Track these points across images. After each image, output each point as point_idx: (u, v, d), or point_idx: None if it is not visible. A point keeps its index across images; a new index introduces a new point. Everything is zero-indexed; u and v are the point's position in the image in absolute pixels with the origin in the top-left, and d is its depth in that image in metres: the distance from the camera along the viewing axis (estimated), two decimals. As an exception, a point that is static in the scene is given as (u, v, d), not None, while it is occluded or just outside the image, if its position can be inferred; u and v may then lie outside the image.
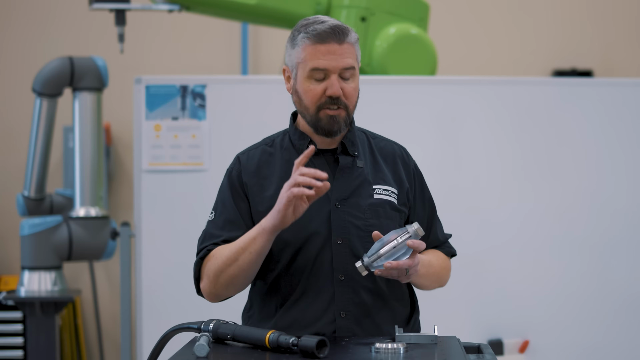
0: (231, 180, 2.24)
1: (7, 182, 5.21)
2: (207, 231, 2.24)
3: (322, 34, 2.12)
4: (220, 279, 2.14)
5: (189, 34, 5.36)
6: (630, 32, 5.65)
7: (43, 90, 3.96)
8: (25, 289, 3.93)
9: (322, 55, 2.12)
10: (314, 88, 2.14)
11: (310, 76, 2.14)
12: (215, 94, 3.64)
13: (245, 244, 2.09)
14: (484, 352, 2.02)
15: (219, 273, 2.14)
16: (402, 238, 2.04)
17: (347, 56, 2.14)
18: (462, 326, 3.66)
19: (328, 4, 3.92)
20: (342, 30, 2.13)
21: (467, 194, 3.72)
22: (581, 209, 3.78)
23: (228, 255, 2.12)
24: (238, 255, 2.10)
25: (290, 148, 2.24)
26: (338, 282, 2.15)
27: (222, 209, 2.22)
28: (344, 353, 1.94)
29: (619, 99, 3.82)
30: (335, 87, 2.13)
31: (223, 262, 2.12)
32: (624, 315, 3.78)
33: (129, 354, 3.74)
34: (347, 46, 2.14)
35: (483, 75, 5.18)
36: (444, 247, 2.36)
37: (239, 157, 2.28)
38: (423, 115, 3.73)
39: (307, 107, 2.17)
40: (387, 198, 2.22)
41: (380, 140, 2.33)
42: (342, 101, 2.15)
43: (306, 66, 2.14)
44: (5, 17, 5.31)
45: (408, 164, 2.31)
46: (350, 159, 2.22)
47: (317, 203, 2.13)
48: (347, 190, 2.19)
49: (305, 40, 2.13)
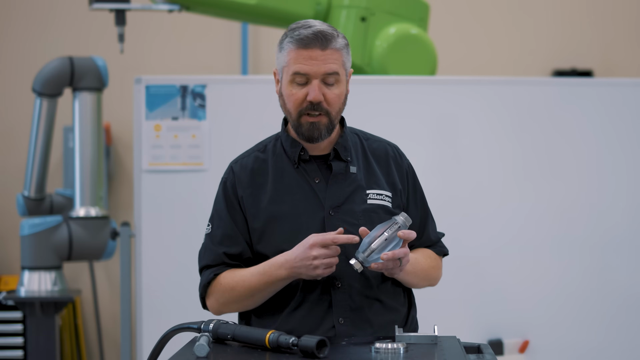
0: (226, 192, 2.25)
1: (7, 182, 5.21)
2: (206, 246, 2.26)
3: (305, 39, 2.12)
4: (232, 307, 2.21)
5: (189, 34, 5.36)
6: (630, 32, 5.65)
7: (43, 90, 3.95)
8: (25, 289, 3.93)
9: (303, 60, 2.12)
10: (295, 93, 2.15)
11: (292, 80, 2.14)
12: (215, 94, 3.64)
13: (265, 285, 2.14)
14: (484, 352, 2.02)
15: (230, 302, 2.20)
16: (392, 229, 2.04)
17: (331, 62, 2.13)
18: (462, 326, 3.66)
19: (328, 4, 3.92)
20: (326, 36, 2.12)
21: (467, 194, 3.72)
22: (581, 209, 3.78)
23: (243, 291, 2.16)
24: (255, 292, 2.15)
25: (282, 154, 2.24)
26: (335, 289, 2.15)
27: (219, 222, 2.24)
28: (344, 353, 1.94)
29: (619, 99, 3.82)
30: (315, 92, 2.12)
31: (241, 295, 2.17)
32: (624, 316, 3.78)
33: (129, 354, 3.74)
34: (330, 52, 2.13)
35: (483, 75, 5.18)
36: (436, 246, 2.35)
37: (232, 167, 2.28)
38: (423, 115, 3.73)
39: (290, 112, 2.18)
40: (381, 203, 2.22)
41: (372, 141, 2.32)
42: (324, 107, 2.15)
43: (289, 70, 2.14)
44: (5, 17, 5.31)
45: (401, 164, 2.31)
46: (343, 165, 2.22)
47: (311, 211, 2.16)
48: (340, 197, 2.19)
49: (289, 45, 2.14)
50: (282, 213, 2.17)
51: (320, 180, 2.20)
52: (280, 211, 2.17)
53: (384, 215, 2.19)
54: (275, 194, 2.19)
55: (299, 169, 2.21)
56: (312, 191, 2.19)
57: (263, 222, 2.18)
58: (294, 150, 2.22)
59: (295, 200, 2.18)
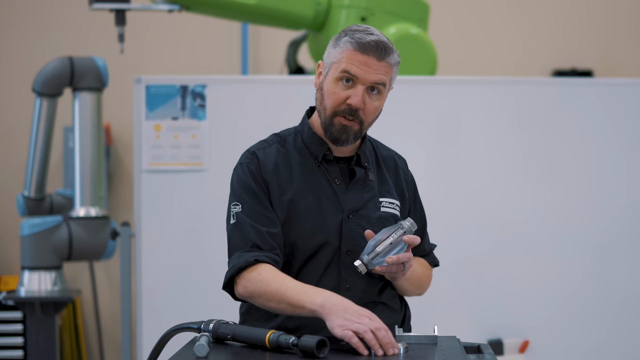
0: (252, 173, 2.19)
1: (7, 182, 5.21)
2: (241, 224, 2.15)
3: (366, 44, 2.12)
4: (257, 300, 2.11)
5: (189, 34, 5.36)
6: (630, 32, 5.65)
7: (43, 90, 3.95)
8: (25, 289, 3.93)
9: (358, 63, 2.12)
10: (338, 92, 2.15)
11: (339, 78, 2.14)
12: (215, 94, 3.64)
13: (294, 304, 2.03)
14: (484, 352, 2.02)
15: (258, 296, 2.09)
16: (398, 234, 2.06)
17: (382, 73, 2.14)
18: (462, 326, 3.66)
19: (328, 4, 3.92)
20: (386, 48, 2.13)
21: (467, 194, 3.71)
22: (581, 209, 3.78)
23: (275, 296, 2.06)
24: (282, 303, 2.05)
25: (303, 150, 2.24)
26: (345, 292, 2.16)
27: (253, 200, 2.16)
28: (344, 353, 1.93)
29: (619, 99, 3.82)
30: (358, 97, 2.13)
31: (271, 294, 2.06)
32: (624, 316, 3.78)
33: (129, 354, 3.73)
34: (385, 64, 2.14)
35: (483, 75, 5.18)
36: (429, 257, 2.40)
37: (255, 152, 2.23)
38: (423, 115, 3.73)
39: (326, 108, 2.18)
40: (392, 211, 2.25)
41: (382, 149, 2.37)
42: (360, 115, 2.15)
43: (339, 67, 2.14)
44: (5, 17, 5.30)
45: (407, 175, 2.36)
46: (363, 171, 2.24)
47: (332, 211, 2.17)
48: (359, 202, 2.21)
49: (347, 45, 2.14)
50: (305, 207, 2.17)
51: (340, 182, 2.22)
52: (304, 206, 2.16)
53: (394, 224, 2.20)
54: (299, 188, 2.18)
55: (320, 168, 2.22)
56: (333, 192, 2.20)
57: (285, 214, 2.16)
58: (320, 149, 2.22)
59: (318, 197, 2.19)
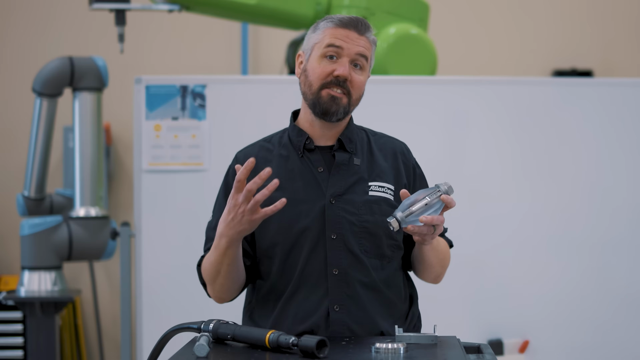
0: (227, 180, 2.27)
1: (7, 182, 5.21)
2: (206, 233, 2.27)
3: (345, 20, 2.19)
4: (216, 287, 2.19)
5: (189, 34, 5.36)
6: (630, 32, 5.65)
7: (43, 90, 3.95)
8: (25, 289, 3.93)
9: (340, 36, 2.18)
10: (323, 66, 2.18)
11: (324, 54, 2.17)
12: (215, 94, 3.64)
13: (219, 257, 2.11)
14: (484, 352, 2.02)
15: (212, 282, 2.19)
16: (434, 196, 2.04)
17: (363, 45, 2.19)
18: (462, 326, 3.66)
19: (328, 4, 3.92)
20: (364, 24, 2.20)
21: (467, 193, 3.71)
22: (581, 209, 3.78)
23: (210, 269, 2.16)
24: (219, 267, 2.13)
25: (288, 144, 2.25)
26: (332, 276, 2.15)
27: (217, 211, 2.24)
28: (344, 353, 1.94)
29: (619, 99, 3.82)
30: (344, 67, 2.16)
31: (211, 273, 2.17)
32: (623, 315, 3.78)
33: (129, 354, 3.74)
34: (364, 39, 2.20)
35: (483, 75, 5.18)
36: (444, 237, 2.36)
37: (237, 156, 2.30)
38: (423, 115, 3.73)
39: (312, 84, 2.19)
40: (382, 195, 2.22)
41: (380, 137, 2.34)
42: (347, 86, 2.17)
43: (322, 44, 2.18)
44: (5, 17, 5.31)
45: (408, 160, 2.32)
46: (346, 156, 2.23)
47: (312, 198, 2.16)
48: (342, 186, 2.20)
49: (327, 24, 2.20)
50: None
51: (323, 169, 2.21)
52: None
53: (385, 207, 2.19)
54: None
55: (303, 158, 2.22)
56: (315, 179, 2.20)
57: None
58: (299, 139, 2.23)
59: (296, 187, 2.18)
